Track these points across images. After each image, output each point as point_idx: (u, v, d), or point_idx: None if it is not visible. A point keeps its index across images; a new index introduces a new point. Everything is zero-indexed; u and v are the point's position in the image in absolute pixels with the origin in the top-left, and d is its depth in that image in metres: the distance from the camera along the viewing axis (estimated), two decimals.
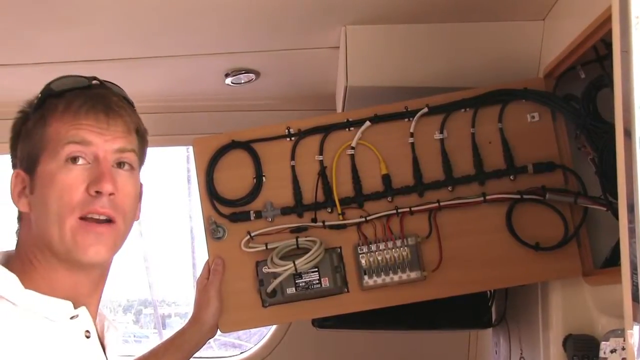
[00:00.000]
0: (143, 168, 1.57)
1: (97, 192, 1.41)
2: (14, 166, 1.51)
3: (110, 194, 1.43)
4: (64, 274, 1.45)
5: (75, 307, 1.45)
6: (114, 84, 1.56)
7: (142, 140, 1.55)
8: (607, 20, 1.62)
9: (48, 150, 1.44)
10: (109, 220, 1.44)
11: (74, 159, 1.43)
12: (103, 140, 1.45)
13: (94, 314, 1.50)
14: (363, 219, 2.00)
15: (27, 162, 1.47)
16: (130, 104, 1.55)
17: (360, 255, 1.99)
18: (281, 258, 1.98)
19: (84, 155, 1.43)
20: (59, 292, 1.44)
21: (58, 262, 1.44)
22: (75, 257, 1.42)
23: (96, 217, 1.42)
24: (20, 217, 1.51)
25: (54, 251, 1.43)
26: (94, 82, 1.52)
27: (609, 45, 1.74)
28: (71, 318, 1.44)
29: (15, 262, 1.47)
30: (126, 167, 1.48)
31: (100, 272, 1.51)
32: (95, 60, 2.36)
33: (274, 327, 3.02)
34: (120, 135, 1.47)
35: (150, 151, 1.61)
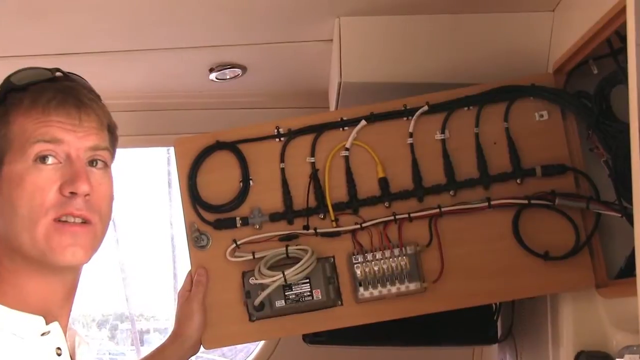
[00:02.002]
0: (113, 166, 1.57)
1: (71, 193, 1.41)
2: None
3: (86, 195, 1.42)
4: (37, 280, 1.44)
5: (47, 321, 1.44)
6: (78, 76, 1.54)
7: (112, 136, 1.54)
8: (621, 11, 1.62)
9: (14, 150, 1.43)
10: (85, 222, 1.43)
11: (43, 159, 1.41)
12: (75, 138, 1.44)
13: (64, 329, 1.49)
14: (358, 226, 2.00)
15: None
16: (98, 96, 1.54)
17: (355, 265, 1.99)
18: (269, 268, 1.98)
19: (55, 154, 1.42)
20: (30, 304, 1.43)
21: (30, 268, 1.43)
22: (50, 261, 1.41)
23: (71, 219, 1.42)
24: None
25: (26, 256, 1.42)
26: (58, 73, 1.50)
27: (623, 38, 1.75)
28: (42, 334, 1.43)
29: None
30: (100, 165, 1.47)
31: (73, 278, 1.50)
32: (68, 53, 2.36)
33: (261, 343, 3.02)
34: (94, 132, 1.46)
35: (129, 152, 1.61)
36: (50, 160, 1.42)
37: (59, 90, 1.46)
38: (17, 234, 1.41)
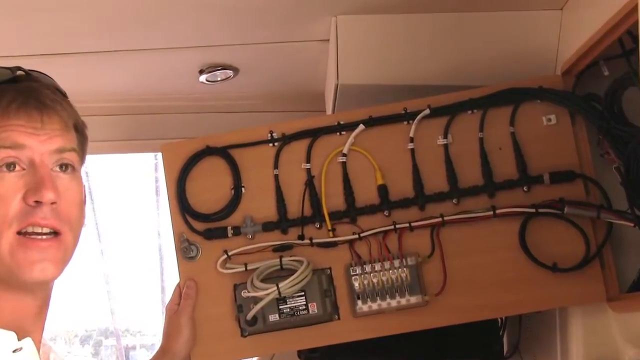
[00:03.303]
0: (84, 168, 1.55)
1: (36, 201, 1.39)
2: None
3: (52, 203, 1.41)
4: (6, 297, 1.42)
5: (19, 337, 1.43)
6: (42, 73, 1.52)
7: (81, 136, 1.51)
8: (633, 9, 1.62)
9: None
10: (54, 233, 1.42)
11: (5, 166, 1.39)
12: (38, 142, 1.42)
13: (38, 344, 1.48)
14: (356, 236, 2.00)
15: None
16: (63, 95, 1.52)
17: (353, 277, 1.99)
18: (262, 280, 1.97)
19: (18, 160, 1.40)
20: (1, 319, 1.42)
21: None
22: (19, 278, 1.39)
23: (38, 230, 1.40)
24: None
25: None
26: (19, 72, 1.48)
27: (636, 38, 1.75)
28: (14, 351, 1.42)
29: None
30: (67, 169, 1.46)
31: (45, 293, 1.48)
32: (51, 54, 2.35)
33: (254, 359, 3.01)
34: (58, 134, 1.44)
35: (114, 158, 1.60)
36: (12, 167, 1.40)
37: (19, 92, 1.43)
38: None
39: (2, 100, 1.42)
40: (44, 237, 1.40)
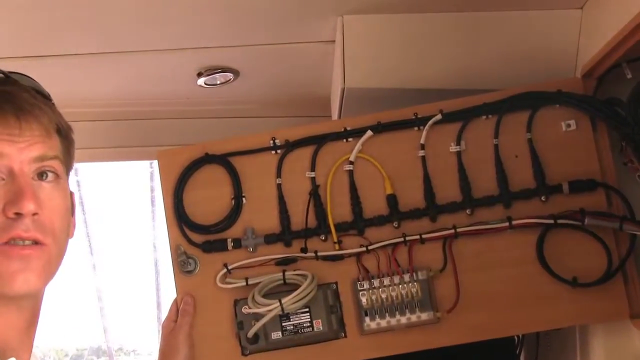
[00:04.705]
0: (72, 174, 1.54)
1: (16, 213, 1.38)
2: None
3: (34, 214, 1.40)
4: None
5: (3, 357, 1.42)
6: (23, 75, 1.50)
7: (66, 140, 1.50)
8: None
9: None
10: (37, 243, 1.41)
11: None
12: (16, 150, 1.40)
13: None
14: (364, 249, 1.99)
15: None
16: (45, 97, 1.51)
17: (361, 293, 1.98)
18: (264, 296, 1.97)
19: None
20: None
21: None
22: (1, 290, 1.39)
23: (20, 242, 1.39)
24: None
25: None
26: None
27: None
28: None
29: None
30: (50, 177, 1.45)
31: (32, 305, 1.48)
32: (39, 56, 2.35)
33: None
34: (38, 140, 1.43)
35: (107, 167, 1.59)
36: None
37: None
38: None
39: None
40: (26, 246, 1.39)
